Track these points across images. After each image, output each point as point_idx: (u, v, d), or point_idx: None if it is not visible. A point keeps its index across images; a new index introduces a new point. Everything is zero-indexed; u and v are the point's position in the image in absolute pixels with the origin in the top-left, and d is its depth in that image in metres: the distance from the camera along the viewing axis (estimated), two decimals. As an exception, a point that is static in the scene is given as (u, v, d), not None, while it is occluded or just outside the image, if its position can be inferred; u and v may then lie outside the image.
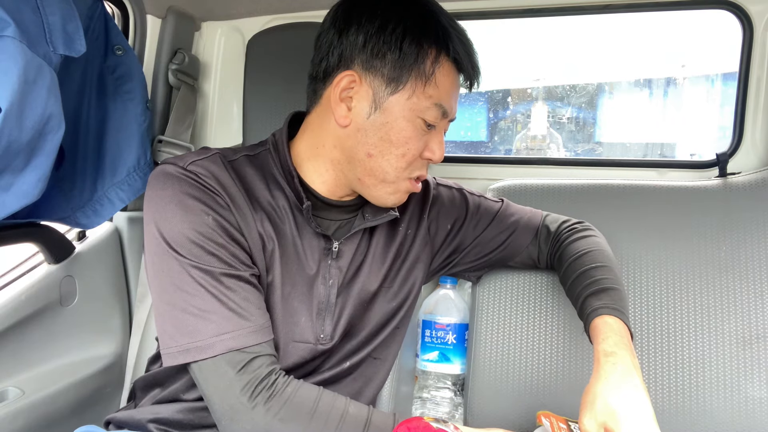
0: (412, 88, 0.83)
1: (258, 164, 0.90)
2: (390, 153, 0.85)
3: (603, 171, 1.36)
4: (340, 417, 0.78)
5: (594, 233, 1.04)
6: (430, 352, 1.27)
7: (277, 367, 0.80)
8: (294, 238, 0.88)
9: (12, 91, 0.84)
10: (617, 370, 0.77)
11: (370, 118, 0.84)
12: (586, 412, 0.76)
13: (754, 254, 1.09)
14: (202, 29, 1.48)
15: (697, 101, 2.40)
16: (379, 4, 0.84)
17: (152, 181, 0.84)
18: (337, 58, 0.85)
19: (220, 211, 0.82)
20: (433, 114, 0.85)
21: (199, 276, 0.78)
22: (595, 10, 1.33)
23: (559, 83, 2.55)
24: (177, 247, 0.78)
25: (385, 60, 0.82)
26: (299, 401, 0.78)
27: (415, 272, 1.01)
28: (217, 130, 1.51)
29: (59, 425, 1.14)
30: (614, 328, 0.83)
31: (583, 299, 0.91)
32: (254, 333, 0.79)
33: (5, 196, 0.91)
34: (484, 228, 1.06)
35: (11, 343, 1.11)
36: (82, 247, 1.27)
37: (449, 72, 0.86)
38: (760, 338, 1.05)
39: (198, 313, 0.77)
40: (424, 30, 0.83)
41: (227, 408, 0.76)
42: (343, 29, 0.84)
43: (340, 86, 0.84)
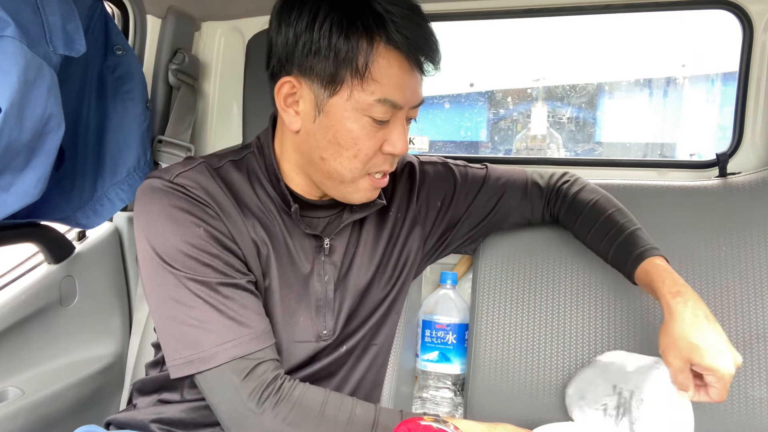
0: (349, 88, 0.79)
1: (243, 168, 0.89)
2: (341, 155, 0.82)
3: (603, 171, 1.36)
4: (348, 419, 0.79)
5: (585, 182, 1.10)
6: (430, 352, 1.27)
7: (281, 372, 0.80)
8: (285, 240, 0.88)
9: (12, 91, 0.84)
10: (688, 307, 0.84)
11: (316, 122, 0.82)
12: (670, 351, 0.83)
13: (754, 254, 1.09)
14: (202, 29, 1.48)
15: (697, 101, 2.40)
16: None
17: (139, 197, 0.83)
18: (276, 60, 0.83)
19: (211, 222, 0.81)
20: (381, 110, 0.80)
21: (196, 288, 0.78)
22: (595, 10, 1.33)
23: (559, 83, 2.55)
24: (171, 261, 0.78)
25: (317, 61, 0.78)
26: (307, 404, 0.78)
27: (408, 256, 1.01)
28: (217, 130, 1.51)
29: (59, 425, 1.14)
30: (666, 268, 0.90)
31: (618, 245, 0.97)
32: (255, 339, 0.79)
33: (5, 196, 0.91)
34: (473, 197, 1.06)
35: (11, 343, 1.11)
36: (82, 247, 1.27)
37: (391, 61, 0.78)
38: (760, 338, 1.05)
39: (198, 325, 0.77)
40: (352, 21, 0.77)
41: (235, 416, 0.77)
42: (278, 27, 0.81)
43: (282, 93, 0.82)
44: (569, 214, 1.07)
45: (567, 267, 1.16)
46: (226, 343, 0.77)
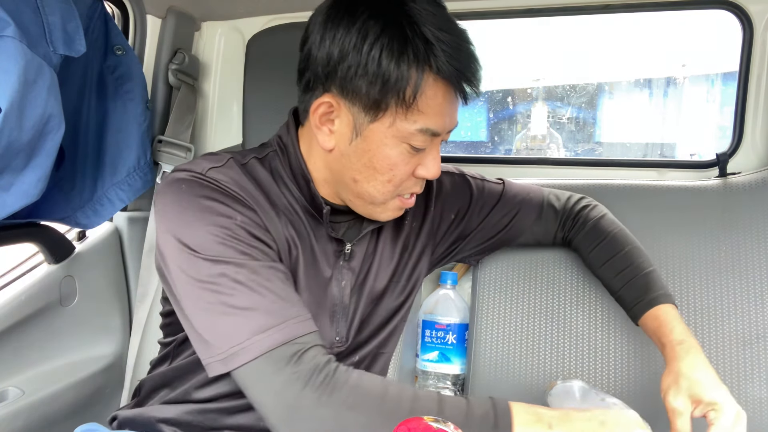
0: (393, 116, 0.76)
1: (267, 166, 0.86)
2: (375, 179, 0.81)
3: (603, 171, 1.36)
4: (413, 396, 0.72)
5: (605, 210, 1.07)
6: (430, 352, 1.27)
7: (333, 357, 0.74)
8: (311, 243, 0.86)
9: (12, 91, 0.84)
10: (690, 353, 0.84)
11: (352, 144, 0.79)
12: (671, 391, 0.82)
13: (753, 254, 1.09)
14: (202, 29, 1.48)
15: (697, 101, 2.40)
16: (359, 11, 0.75)
17: (164, 190, 0.79)
18: (314, 74, 0.79)
19: (247, 213, 0.77)
20: (420, 139, 0.78)
21: (235, 273, 0.72)
22: (595, 10, 1.33)
23: (559, 83, 2.55)
24: (203, 250, 0.73)
25: (361, 84, 0.75)
26: (367, 386, 0.72)
27: (420, 265, 1.01)
28: (217, 130, 1.51)
29: (59, 425, 1.14)
30: (675, 316, 0.90)
31: (630, 285, 0.96)
32: (301, 323, 0.73)
33: (5, 196, 0.91)
34: (488, 212, 1.04)
35: (11, 343, 1.11)
36: (82, 247, 1.27)
37: (436, 91, 0.77)
38: (760, 338, 1.05)
39: (237, 312, 0.71)
40: (403, 46, 0.74)
41: (285, 408, 0.69)
42: (321, 41, 0.77)
43: (318, 113, 0.80)
44: (586, 240, 1.04)
45: (567, 267, 1.16)
46: (270, 329, 0.71)
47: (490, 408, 0.72)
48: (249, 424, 0.85)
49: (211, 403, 0.85)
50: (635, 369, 1.08)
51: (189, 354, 0.86)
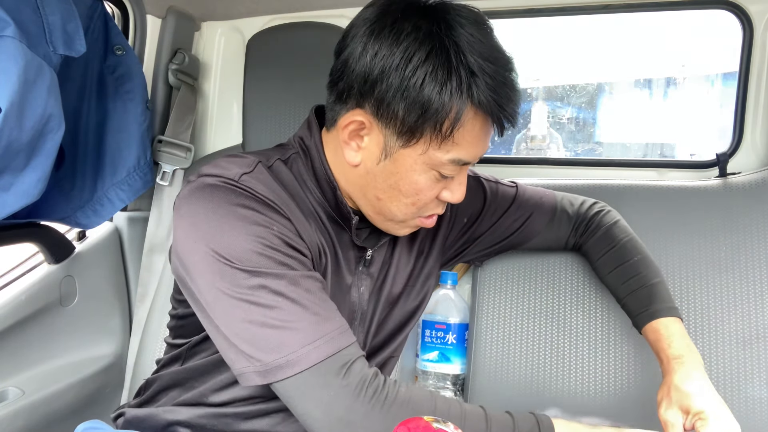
0: (426, 144, 0.74)
1: (290, 168, 0.83)
2: (399, 200, 0.80)
3: (603, 171, 1.36)
4: (461, 413, 0.72)
5: (618, 216, 1.06)
6: (430, 352, 1.27)
7: (377, 370, 0.74)
8: (336, 249, 0.85)
9: (12, 91, 0.84)
10: (685, 367, 0.83)
11: (380, 165, 0.77)
12: (662, 403, 0.82)
13: (754, 254, 1.09)
14: (202, 29, 1.48)
15: (697, 101, 2.40)
16: (405, 30, 0.72)
17: (193, 196, 0.75)
18: (349, 88, 0.76)
19: (283, 222, 0.75)
20: (450, 169, 0.77)
21: (276, 285, 0.70)
22: (595, 10, 1.33)
23: (559, 83, 2.55)
24: (241, 262, 0.71)
25: (399, 108, 0.72)
26: (417, 401, 0.72)
27: (433, 269, 1.00)
28: (217, 130, 1.51)
29: (59, 425, 1.14)
30: (675, 331, 0.88)
31: (635, 295, 0.95)
32: (344, 334, 0.72)
33: (5, 196, 0.91)
34: (500, 216, 1.03)
35: (11, 343, 1.11)
36: (82, 247, 1.27)
37: (475, 124, 0.74)
38: (760, 338, 1.05)
39: (281, 325, 0.69)
40: (447, 75, 0.71)
41: (335, 421, 0.69)
42: (362, 52, 0.74)
43: (348, 129, 0.77)
44: (596, 247, 1.04)
45: (567, 268, 1.16)
46: (317, 341, 0.69)
47: (534, 425, 0.74)
48: (264, 430, 0.84)
49: (226, 407, 0.83)
50: (635, 371, 1.08)
51: (206, 356, 0.84)
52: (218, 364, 0.82)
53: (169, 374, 0.88)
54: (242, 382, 0.72)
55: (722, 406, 0.79)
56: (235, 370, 0.72)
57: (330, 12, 1.40)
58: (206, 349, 0.84)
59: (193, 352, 0.86)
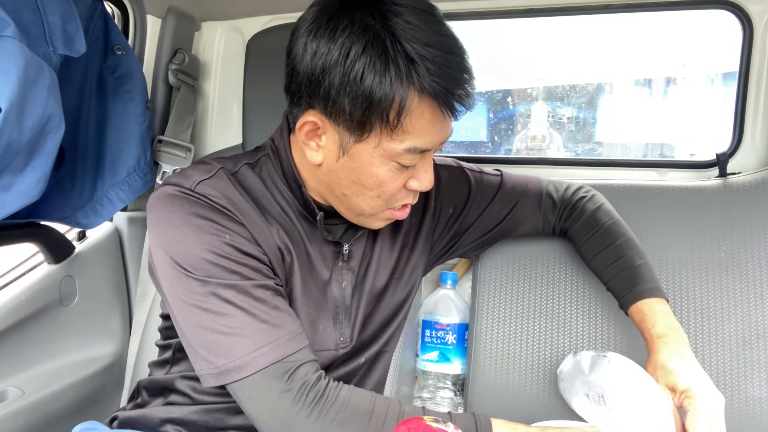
0: (378, 137, 0.74)
1: (259, 172, 0.86)
2: (364, 195, 0.80)
3: (603, 171, 1.36)
4: (398, 416, 0.76)
5: (602, 200, 1.07)
6: (430, 352, 1.27)
7: (323, 372, 0.77)
8: (306, 247, 0.86)
9: (12, 91, 0.84)
10: (669, 345, 0.85)
11: (340, 162, 0.78)
12: None
13: (754, 254, 1.09)
14: (202, 29, 1.48)
15: (697, 101, 2.40)
16: (341, 24, 0.72)
17: (155, 205, 0.79)
18: (299, 90, 0.77)
19: (236, 229, 0.78)
20: (408, 158, 0.77)
21: (225, 293, 0.74)
22: (595, 10, 1.33)
23: (559, 83, 2.55)
24: (195, 270, 0.75)
25: (345, 104, 0.73)
26: (356, 404, 0.75)
27: (420, 261, 1.00)
28: (217, 130, 1.51)
29: (59, 425, 1.14)
30: (659, 311, 0.91)
31: (620, 277, 0.97)
32: (292, 341, 0.76)
33: (5, 196, 0.91)
34: (486, 205, 1.04)
35: (11, 343, 1.11)
36: (82, 247, 1.27)
37: (423, 110, 0.73)
38: (760, 338, 1.05)
39: (230, 332, 0.73)
40: (385, 65, 0.70)
41: (278, 424, 0.73)
42: (303, 52, 0.75)
43: (303, 131, 0.79)
44: (580, 231, 1.05)
45: (567, 267, 1.16)
46: (263, 347, 0.73)
47: (472, 423, 0.77)
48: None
49: (217, 403, 0.85)
50: (635, 369, 1.08)
51: None
52: None
53: (160, 379, 0.90)
54: (203, 383, 0.76)
55: (707, 382, 0.81)
56: (196, 371, 0.77)
57: (330, 12, 1.40)
58: None
59: (181, 354, 0.87)
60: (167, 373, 0.90)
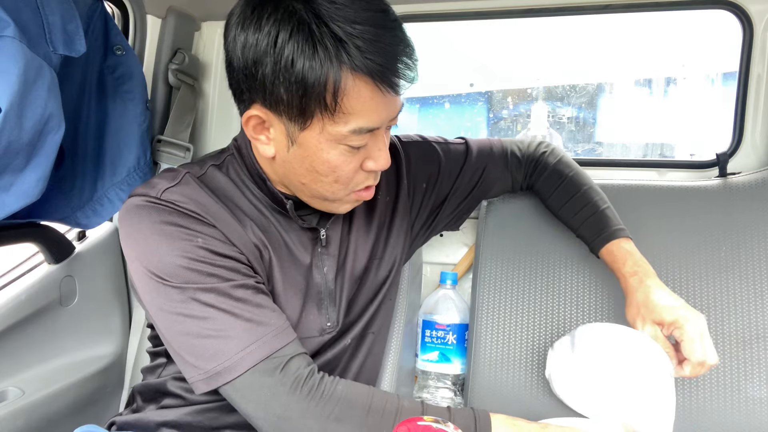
0: (320, 123, 0.73)
1: (227, 172, 0.86)
2: (321, 181, 0.80)
3: (603, 171, 1.36)
4: (396, 410, 0.75)
5: (562, 152, 1.12)
6: (430, 352, 1.27)
7: (315, 366, 0.77)
8: (283, 238, 0.87)
9: (12, 91, 0.84)
10: (643, 282, 0.91)
11: (290, 152, 0.78)
12: (637, 322, 0.89)
13: (754, 254, 1.09)
14: (202, 29, 1.48)
15: (697, 101, 2.40)
16: (266, 11, 0.71)
17: (124, 217, 0.79)
18: (238, 86, 0.76)
19: (208, 231, 0.77)
20: (356, 139, 0.75)
21: (205, 297, 0.74)
22: (595, 10, 1.33)
23: (559, 83, 2.55)
24: (171, 278, 0.74)
25: (281, 92, 0.72)
26: (353, 398, 0.75)
27: (398, 240, 1.01)
28: (216, 130, 1.51)
29: (59, 425, 1.15)
30: (628, 250, 0.96)
31: (587, 223, 1.02)
32: (279, 335, 0.76)
33: (5, 196, 0.91)
34: (457, 174, 1.06)
35: (11, 343, 1.12)
36: (82, 247, 1.27)
37: (360, 89, 0.72)
38: (760, 338, 1.05)
39: (216, 334, 0.73)
40: (313, 48, 0.69)
41: (275, 420, 0.72)
42: (233, 46, 0.74)
43: (249, 126, 0.78)
44: (545, 185, 1.09)
45: (567, 267, 1.16)
46: (250, 346, 0.73)
47: (471, 419, 0.76)
48: None
49: (210, 402, 0.85)
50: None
51: None
52: None
53: (153, 383, 0.90)
54: (195, 390, 0.75)
55: (687, 307, 0.87)
56: (187, 380, 0.76)
57: (330, 12, 1.40)
58: None
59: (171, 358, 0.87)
60: (159, 377, 0.90)
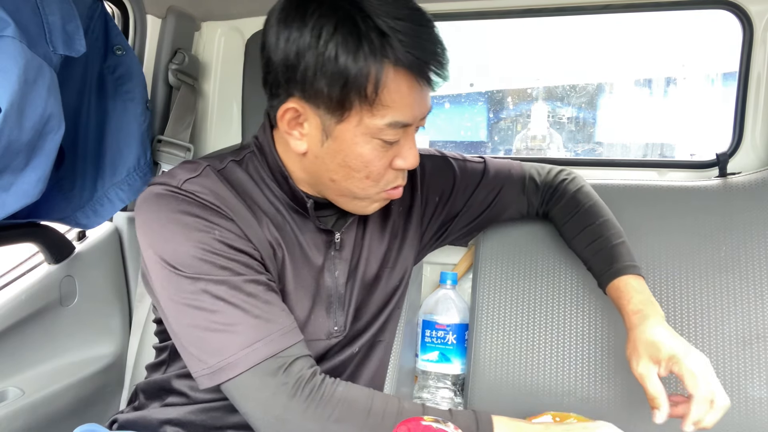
0: (359, 114, 0.75)
1: (246, 168, 0.86)
2: (352, 177, 0.80)
3: (603, 171, 1.36)
4: (397, 412, 0.74)
5: (583, 182, 1.09)
6: (430, 352, 1.27)
7: (318, 368, 0.77)
8: (297, 238, 0.86)
9: (12, 91, 0.84)
10: (646, 320, 0.87)
11: (324, 146, 0.79)
12: (632, 359, 0.85)
13: (754, 254, 1.09)
14: (202, 29, 1.48)
15: (697, 101, 2.40)
16: (310, 9, 0.73)
17: (142, 205, 0.79)
18: (276, 81, 0.78)
19: (225, 225, 0.77)
20: (391, 133, 0.77)
21: (216, 290, 0.73)
22: (595, 10, 1.33)
23: (559, 83, 2.55)
24: (184, 268, 0.74)
25: (322, 85, 0.73)
26: (353, 400, 0.74)
27: (410, 250, 1.01)
28: (216, 130, 1.51)
29: (59, 425, 1.14)
30: (635, 287, 0.92)
31: (598, 256, 0.99)
32: (285, 335, 0.75)
33: (5, 196, 0.91)
34: (472, 192, 1.05)
35: (11, 343, 1.12)
36: (82, 247, 1.27)
37: (399, 83, 0.74)
38: (760, 338, 1.05)
39: (222, 329, 0.72)
40: (358, 41, 0.71)
41: (273, 420, 0.71)
42: (276, 42, 0.76)
43: (285, 119, 0.79)
44: (561, 213, 1.07)
45: (567, 267, 1.16)
46: (256, 343, 0.72)
47: (473, 421, 0.75)
48: None
49: (214, 401, 0.85)
50: (635, 369, 1.08)
51: None
52: None
53: (157, 380, 0.90)
54: (199, 385, 0.75)
55: (689, 346, 0.82)
56: (192, 374, 0.75)
57: (330, 12, 1.40)
58: None
59: (176, 356, 0.87)
60: (164, 374, 0.90)
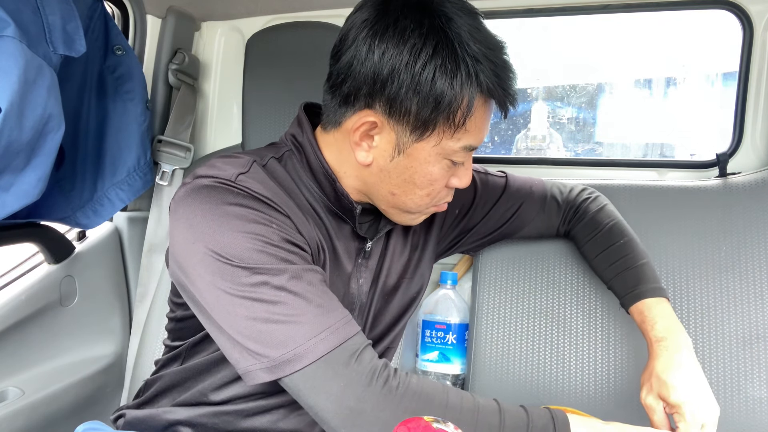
0: (440, 135, 0.76)
1: (285, 166, 0.84)
2: (414, 193, 0.81)
3: (603, 171, 1.36)
4: (474, 407, 0.72)
5: (605, 201, 1.08)
6: (430, 352, 1.27)
7: (386, 359, 0.74)
8: (334, 243, 0.85)
9: (12, 91, 0.84)
10: (668, 351, 0.85)
11: (394, 161, 0.79)
12: (644, 388, 0.86)
13: (754, 254, 1.09)
14: (202, 29, 1.48)
15: (697, 101, 2.40)
16: (408, 28, 0.72)
17: (188, 199, 0.75)
18: (357, 90, 0.76)
19: (283, 220, 0.75)
20: (462, 155, 0.79)
21: (277, 280, 0.70)
22: (595, 10, 1.33)
23: (559, 83, 2.55)
24: (242, 260, 0.70)
25: (412, 104, 0.74)
26: (429, 392, 0.71)
27: (428, 261, 1.01)
28: (216, 129, 1.51)
29: (59, 425, 1.14)
30: (659, 312, 0.90)
31: (621, 277, 0.97)
32: (348, 324, 0.72)
33: (5, 196, 0.91)
34: (491, 206, 1.05)
35: (11, 343, 1.12)
36: (82, 247, 1.27)
37: (485, 111, 0.77)
38: (760, 338, 1.05)
39: (286, 320, 0.69)
40: (456, 66, 0.72)
41: (347, 412, 0.68)
42: (367, 53, 0.74)
43: (359, 130, 0.77)
44: (583, 232, 1.06)
45: (567, 267, 1.16)
46: (323, 332, 0.69)
47: (549, 420, 0.73)
48: (265, 427, 0.84)
49: (227, 405, 0.83)
50: (636, 370, 1.08)
51: (205, 355, 0.84)
52: (218, 362, 0.82)
53: (168, 375, 0.88)
54: (248, 381, 0.71)
55: (700, 394, 0.81)
56: (240, 369, 0.72)
57: (329, 12, 1.40)
58: (206, 348, 0.84)
59: (193, 351, 0.86)
60: (177, 370, 0.87)
